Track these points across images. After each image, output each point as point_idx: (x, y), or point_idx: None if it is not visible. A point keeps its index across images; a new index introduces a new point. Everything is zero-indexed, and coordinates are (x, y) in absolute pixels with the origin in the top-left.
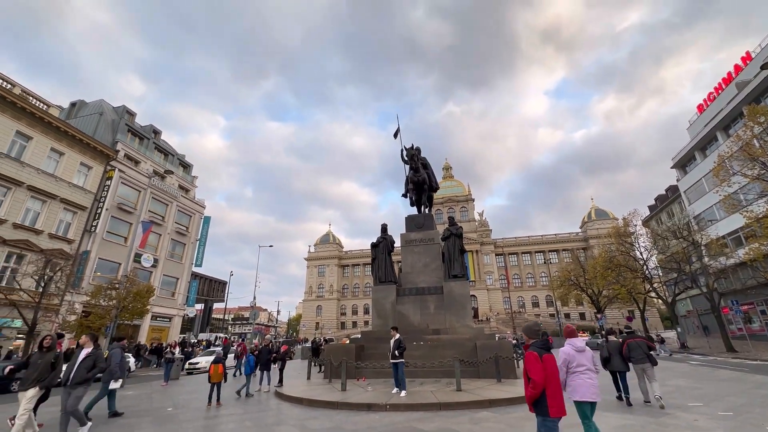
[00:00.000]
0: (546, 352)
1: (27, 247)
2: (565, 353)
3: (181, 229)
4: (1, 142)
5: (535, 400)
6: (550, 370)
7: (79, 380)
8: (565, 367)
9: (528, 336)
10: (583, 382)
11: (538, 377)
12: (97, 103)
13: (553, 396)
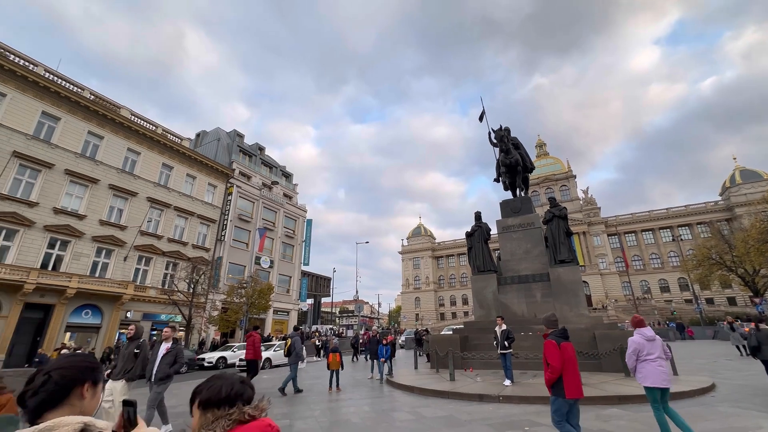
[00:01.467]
0: (564, 341)
1: (178, 257)
2: (636, 342)
3: (289, 232)
4: (153, 173)
5: (553, 382)
6: (568, 356)
7: (162, 376)
8: (635, 356)
9: (547, 326)
10: (654, 369)
11: (556, 362)
12: (215, 131)
13: (570, 379)
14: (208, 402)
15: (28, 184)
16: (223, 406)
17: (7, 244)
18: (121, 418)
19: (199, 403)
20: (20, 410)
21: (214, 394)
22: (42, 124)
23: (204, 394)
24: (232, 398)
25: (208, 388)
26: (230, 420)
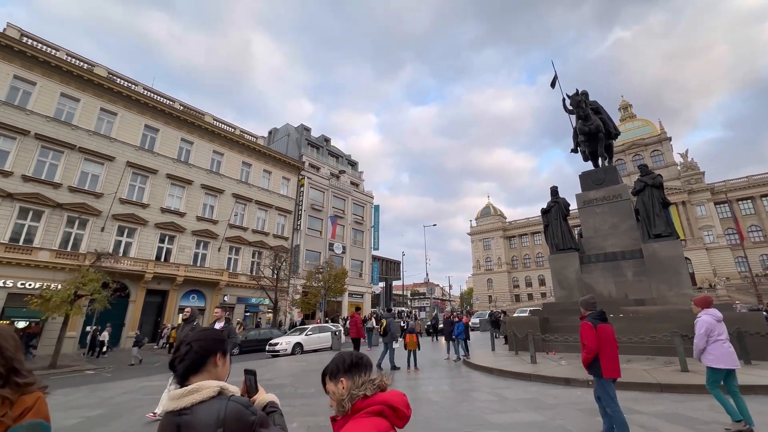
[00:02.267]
0: (600, 322)
1: (262, 246)
2: (707, 322)
3: (357, 219)
4: (235, 171)
5: (589, 362)
6: (604, 337)
7: None
8: (707, 336)
9: (585, 309)
10: (725, 350)
11: (591, 343)
12: (284, 127)
13: (606, 360)
14: (354, 367)
15: (141, 189)
16: (365, 371)
17: (129, 240)
18: (244, 385)
19: (347, 368)
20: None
21: (359, 360)
22: (146, 136)
23: (351, 360)
24: (369, 366)
25: (351, 357)
26: (374, 385)
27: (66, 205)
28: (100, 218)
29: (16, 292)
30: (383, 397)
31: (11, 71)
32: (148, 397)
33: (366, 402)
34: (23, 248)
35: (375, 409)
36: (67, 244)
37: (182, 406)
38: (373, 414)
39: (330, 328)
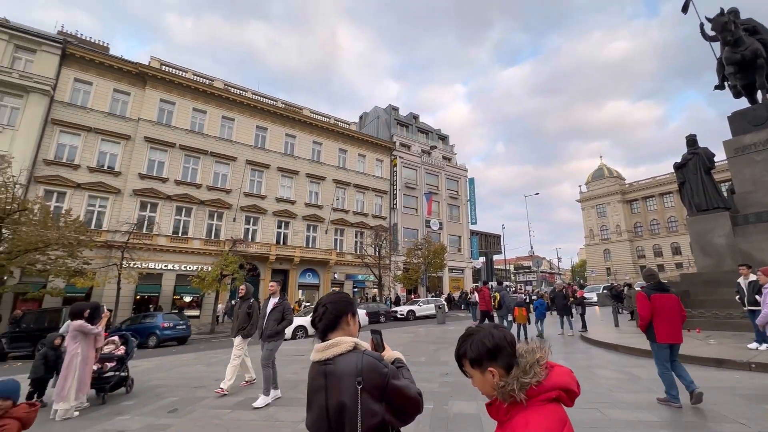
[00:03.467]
0: (655, 292)
1: (363, 226)
2: None
3: (452, 193)
4: (332, 158)
5: (644, 329)
6: (659, 306)
7: (271, 333)
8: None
9: (645, 280)
10: None
11: (642, 312)
12: (373, 110)
13: (659, 326)
14: (499, 351)
15: (258, 182)
16: (512, 351)
17: (255, 228)
18: (372, 343)
19: (491, 354)
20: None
21: (499, 342)
22: (258, 136)
23: (492, 343)
24: (513, 342)
25: (491, 340)
26: (543, 367)
27: (206, 201)
28: (231, 210)
29: (181, 274)
30: (558, 380)
31: (158, 96)
32: (286, 357)
33: (539, 389)
34: (181, 239)
35: (551, 396)
36: (210, 234)
37: (326, 357)
38: (549, 401)
39: (436, 301)
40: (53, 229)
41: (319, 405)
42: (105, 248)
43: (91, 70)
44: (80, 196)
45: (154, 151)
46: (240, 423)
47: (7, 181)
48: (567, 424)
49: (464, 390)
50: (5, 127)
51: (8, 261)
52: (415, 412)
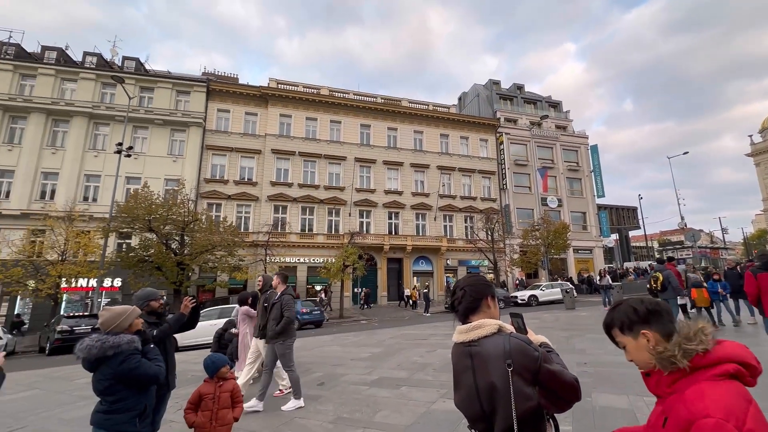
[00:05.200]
0: (762, 272)
1: (472, 210)
2: None
3: (571, 165)
4: (434, 145)
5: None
6: (765, 285)
7: (272, 335)
8: None
9: (758, 260)
10: None
11: (748, 289)
12: (472, 88)
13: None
14: (654, 314)
15: (367, 177)
16: (668, 318)
17: (368, 220)
18: (513, 328)
19: (644, 317)
20: None
21: (656, 306)
22: (362, 134)
23: (647, 306)
24: (670, 311)
25: (646, 303)
26: (709, 336)
27: (325, 200)
28: (346, 206)
29: (311, 266)
30: (732, 351)
31: (278, 111)
32: (409, 342)
33: (708, 358)
34: (308, 235)
35: (727, 369)
36: (331, 229)
37: (470, 339)
38: (727, 377)
39: (562, 285)
40: (217, 234)
41: (468, 385)
42: (252, 247)
43: (228, 99)
44: (231, 206)
45: (279, 160)
46: (377, 399)
47: (184, 199)
48: (753, 404)
49: (609, 380)
50: (177, 157)
51: (191, 261)
52: (573, 398)
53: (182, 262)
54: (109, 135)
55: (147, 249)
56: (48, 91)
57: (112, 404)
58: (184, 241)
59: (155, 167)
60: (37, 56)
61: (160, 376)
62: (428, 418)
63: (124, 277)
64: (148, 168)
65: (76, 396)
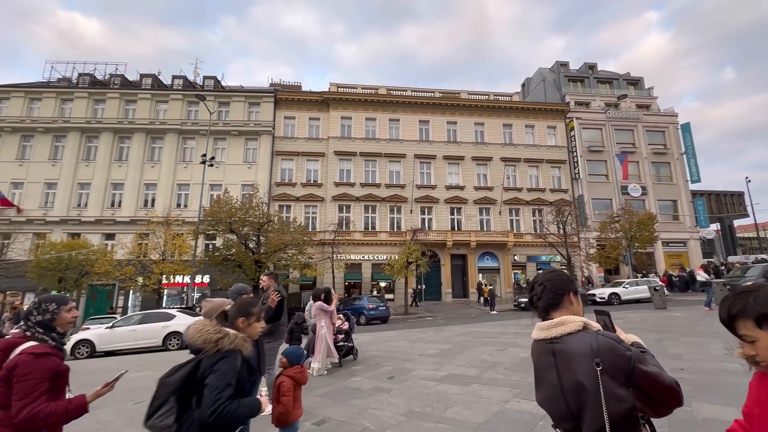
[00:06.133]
0: None
1: (540, 203)
2: None
3: (657, 148)
4: (497, 136)
5: None
6: None
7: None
8: None
9: None
10: None
11: None
12: (537, 73)
13: None
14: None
15: (427, 174)
16: None
17: (430, 217)
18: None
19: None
20: None
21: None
22: (421, 130)
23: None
24: None
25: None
26: None
27: (386, 198)
28: (408, 203)
29: (375, 263)
30: None
31: (339, 114)
32: (477, 339)
33: None
34: (371, 233)
35: None
36: (393, 226)
37: (552, 336)
38: None
39: (649, 282)
40: (288, 234)
41: (551, 383)
42: (320, 245)
43: (293, 107)
44: (299, 207)
45: (342, 161)
46: (447, 395)
47: (258, 202)
48: None
49: (711, 389)
50: (251, 164)
51: (266, 259)
52: (674, 403)
53: (259, 260)
54: (195, 147)
55: (229, 249)
56: (146, 112)
57: None
58: (260, 240)
59: (233, 174)
60: (137, 83)
61: (251, 362)
62: (502, 417)
63: (211, 274)
64: (227, 175)
65: None
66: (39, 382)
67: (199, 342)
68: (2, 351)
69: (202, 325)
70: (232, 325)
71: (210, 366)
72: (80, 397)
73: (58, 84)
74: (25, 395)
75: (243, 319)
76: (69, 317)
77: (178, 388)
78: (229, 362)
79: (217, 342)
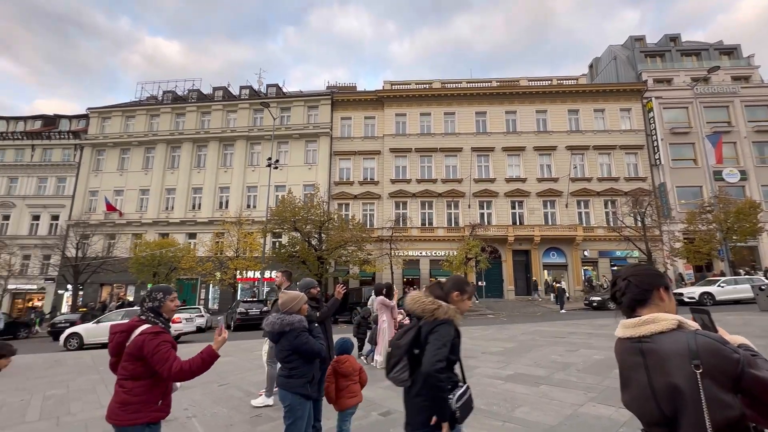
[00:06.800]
0: None
1: (613, 193)
2: None
3: (760, 125)
4: (562, 123)
5: None
6: None
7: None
8: None
9: None
10: None
11: None
12: (606, 51)
13: None
14: None
15: (485, 167)
16: None
17: (489, 211)
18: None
19: None
20: None
21: None
22: (478, 122)
23: None
24: None
25: None
26: None
27: (443, 193)
28: (465, 198)
29: (433, 259)
30: None
31: (393, 112)
32: (545, 339)
33: None
34: (428, 229)
35: None
36: (450, 222)
37: (641, 334)
38: None
39: (752, 280)
40: (347, 231)
41: (640, 384)
42: (378, 242)
43: (349, 107)
44: (357, 204)
45: (397, 158)
46: (514, 395)
47: (319, 201)
48: None
49: None
50: (312, 165)
51: (328, 255)
52: None
53: (321, 257)
54: (261, 152)
55: (294, 246)
56: (219, 122)
57: (291, 371)
58: (321, 238)
59: (295, 175)
60: (210, 96)
61: (321, 352)
62: (576, 420)
63: (279, 270)
64: (290, 176)
65: (256, 364)
66: (168, 349)
67: (418, 311)
68: (125, 332)
69: (418, 296)
70: (446, 297)
71: (429, 331)
72: (208, 347)
73: (147, 102)
74: (164, 360)
75: (457, 293)
76: (172, 305)
77: (407, 350)
78: (446, 328)
79: (433, 312)
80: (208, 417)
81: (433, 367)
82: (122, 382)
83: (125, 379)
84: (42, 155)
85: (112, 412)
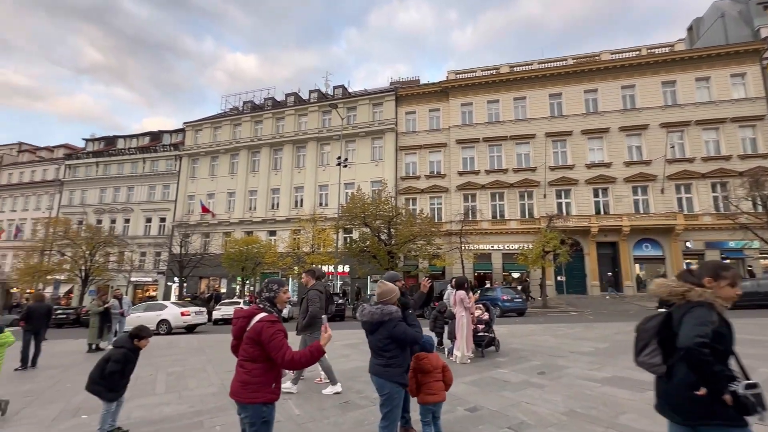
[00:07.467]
0: None
1: (722, 174)
2: None
3: None
4: (654, 98)
5: None
6: None
7: (300, 328)
8: None
9: None
10: None
11: None
12: (711, 9)
13: None
14: None
15: (562, 153)
16: None
17: (568, 201)
18: None
19: None
20: None
21: None
22: (552, 105)
23: None
24: None
25: None
26: None
27: (515, 183)
28: (540, 188)
29: (506, 252)
30: None
31: (458, 102)
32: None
33: None
34: (500, 221)
35: None
36: (524, 213)
37: None
38: None
39: None
40: (416, 226)
41: None
42: (447, 236)
43: (413, 102)
44: (424, 199)
45: (464, 149)
46: (616, 399)
47: (387, 197)
48: None
49: None
50: (378, 161)
51: (397, 250)
52: None
53: (391, 251)
54: (330, 152)
55: (364, 241)
56: (292, 126)
57: (389, 359)
58: (390, 233)
59: (363, 172)
60: (283, 102)
61: (418, 339)
62: None
63: (351, 264)
64: (358, 174)
65: (338, 354)
66: (282, 338)
67: (664, 294)
68: (246, 318)
69: (664, 281)
70: (700, 284)
71: (682, 314)
72: (316, 343)
73: (230, 113)
74: (279, 347)
75: (710, 279)
76: (285, 297)
77: (656, 333)
78: (702, 310)
79: (683, 294)
80: (302, 400)
81: (693, 341)
82: (243, 362)
83: (245, 360)
84: (151, 166)
85: (234, 390)
